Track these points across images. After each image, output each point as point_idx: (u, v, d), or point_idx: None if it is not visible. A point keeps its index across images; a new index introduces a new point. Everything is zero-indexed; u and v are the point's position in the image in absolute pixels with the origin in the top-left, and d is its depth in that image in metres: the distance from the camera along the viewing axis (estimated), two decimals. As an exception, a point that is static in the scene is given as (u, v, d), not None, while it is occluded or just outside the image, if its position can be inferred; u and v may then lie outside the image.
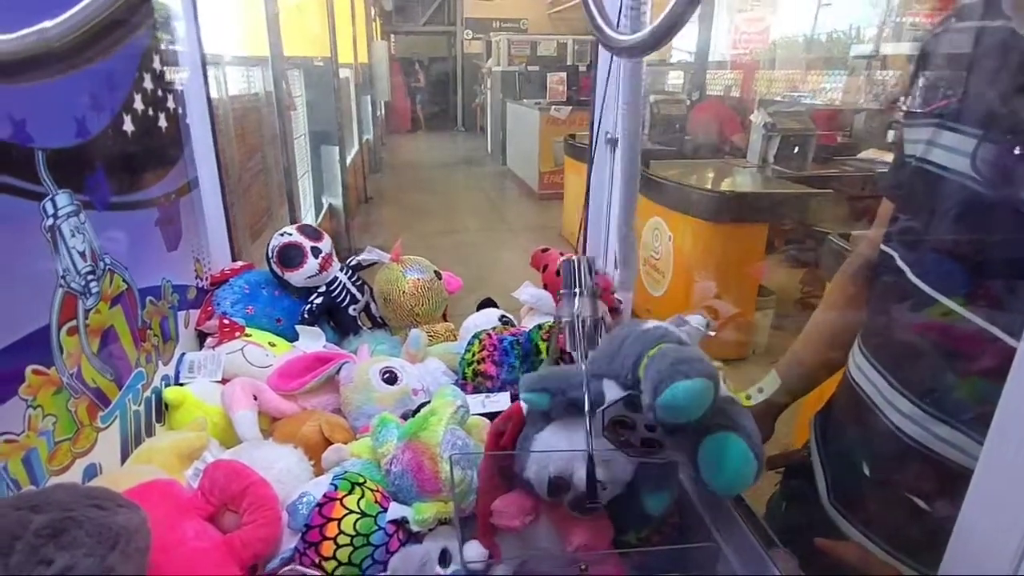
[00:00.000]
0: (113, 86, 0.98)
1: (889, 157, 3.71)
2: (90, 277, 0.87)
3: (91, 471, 0.85)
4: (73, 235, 0.83)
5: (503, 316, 1.36)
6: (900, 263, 0.73)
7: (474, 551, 0.82)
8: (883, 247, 0.78)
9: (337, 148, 4.93)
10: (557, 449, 0.78)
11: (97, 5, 0.32)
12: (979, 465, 0.50)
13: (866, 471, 0.80)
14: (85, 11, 0.32)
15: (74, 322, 0.83)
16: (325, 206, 4.95)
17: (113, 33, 0.31)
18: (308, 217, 4.41)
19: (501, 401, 1.01)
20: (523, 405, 0.85)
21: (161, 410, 1.09)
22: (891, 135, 4.15)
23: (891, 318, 0.76)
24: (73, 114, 0.86)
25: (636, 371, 0.69)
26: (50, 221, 0.78)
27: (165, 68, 1.17)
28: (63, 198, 0.81)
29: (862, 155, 3.96)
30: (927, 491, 0.71)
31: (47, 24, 0.30)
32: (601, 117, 1.29)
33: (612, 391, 0.75)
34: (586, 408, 0.74)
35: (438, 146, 11.81)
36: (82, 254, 0.85)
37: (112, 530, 0.61)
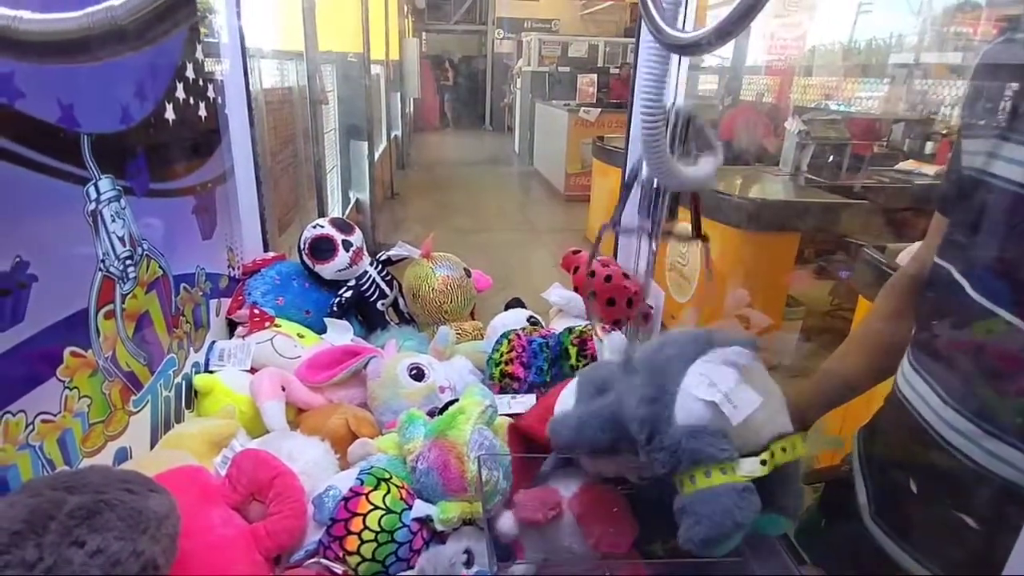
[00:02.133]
0: (157, 74, 0.99)
1: (928, 169, 3.62)
2: (128, 262, 0.88)
3: (122, 454, 0.86)
4: (114, 220, 0.84)
5: (531, 317, 1.34)
6: (957, 277, 0.70)
7: (507, 523, 0.82)
8: (938, 260, 0.75)
9: (366, 143, 4.97)
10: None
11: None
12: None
13: (913, 488, 0.77)
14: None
15: (111, 306, 0.84)
16: (352, 200, 4.99)
17: (175, 14, 0.31)
18: (335, 211, 4.45)
19: (527, 403, 1.00)
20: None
21: (191, 397, 1.10)
22: (931, 146, 4.04)
23: (945, 332, 0.74)
24: (119, 100, 0.87)
25: (673, 473, 0.69)
26: (92, 206, 0.79)
27: (207, 58, 1.18)
28: (106, 183, 0.82)
29: (900, 166, 3.86)
30: (977, 509, 0.68)
31: (114, 2, 0.30)
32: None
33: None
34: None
35: (466, 145, 11.83)
36: (121, 239, 0.86)
37: (143, 514, 0.61)
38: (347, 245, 1.33)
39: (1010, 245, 0.64)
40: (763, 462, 0.66)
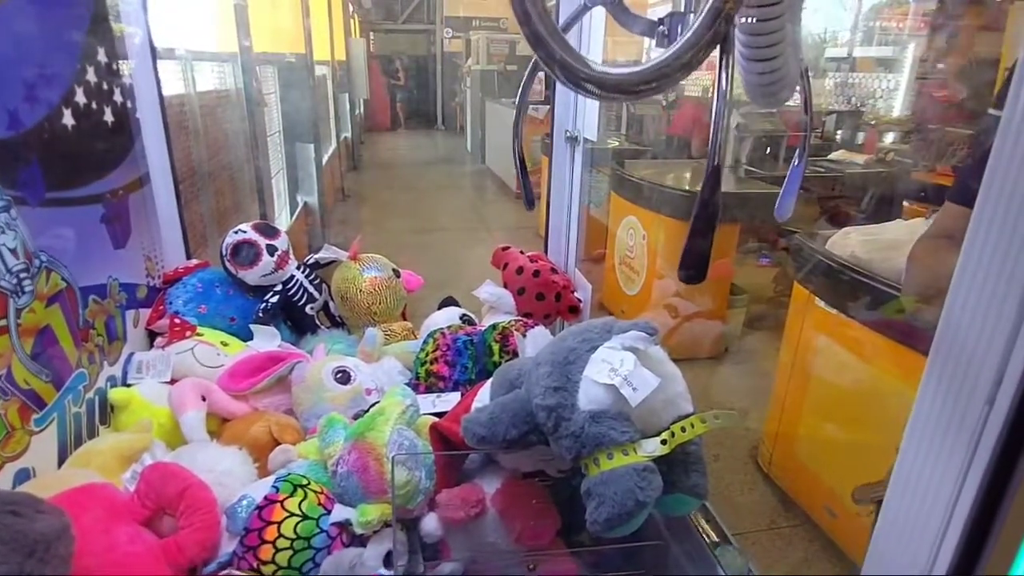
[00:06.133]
0: (50, 78, 0.95)
1: (858, 158, 3.76)
2: (23, 275, 0.84)
3: (23, 475, 0.82)
4: (3, 232, 0.80)
5: (464, 315, 1.35)
6: None
7: (432, 523, 0.83)
8: None
9: (312, 146, 4.87)
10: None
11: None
12: (893, 477, 0.50)
13: None
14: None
15: (4, 321, 0.80)
16: (300, 204, 4.89)
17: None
18: (283, 215, 4.35)
19: (452, 401, 1.00)
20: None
21: (106, 412, 1.06)
22: (861, 137, 4.22)
23: None
24: (5, 106, 0.83)
25: (579, 458, 0.70)
26: (-25, 217, 0.75)
27: (111, 61, 1.13)
28: (-9, 193, 0.78)
29: (832, 156, 4.02)
30: None
31: None
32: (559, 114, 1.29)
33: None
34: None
35: (417, 144, 11.73)
36: (13, 251, 0.82)
37: (29, 537, 0.59)
38: (271, 249, 1.31)
39: None
40: (663, 442, 0.68)
